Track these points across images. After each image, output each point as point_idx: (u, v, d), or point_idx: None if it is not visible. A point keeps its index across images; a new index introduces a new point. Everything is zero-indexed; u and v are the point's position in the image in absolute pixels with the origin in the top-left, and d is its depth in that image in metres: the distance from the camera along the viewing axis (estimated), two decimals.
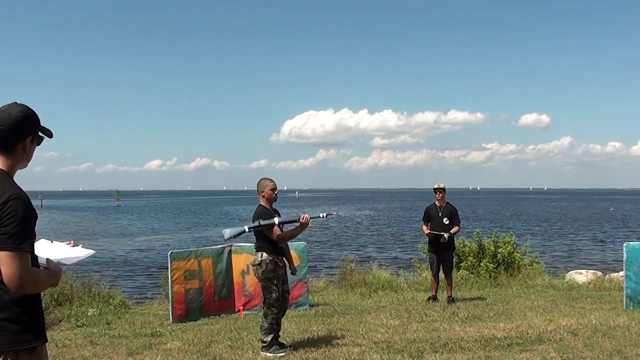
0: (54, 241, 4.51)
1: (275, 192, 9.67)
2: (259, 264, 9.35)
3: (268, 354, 9.21)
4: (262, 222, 9.24)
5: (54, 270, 3.99)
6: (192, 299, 12.62)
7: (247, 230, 9.45)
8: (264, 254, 9.33)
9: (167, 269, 12.76)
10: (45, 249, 4.28)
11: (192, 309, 12.60)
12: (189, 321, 12.25)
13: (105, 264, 28.76)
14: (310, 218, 9.46)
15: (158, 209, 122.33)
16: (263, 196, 9.58)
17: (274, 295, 9.36)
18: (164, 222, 74.80)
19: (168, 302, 12.96)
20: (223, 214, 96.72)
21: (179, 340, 10.37)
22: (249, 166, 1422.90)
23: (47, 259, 4.02)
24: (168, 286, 12.82)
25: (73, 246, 4.51)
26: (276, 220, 9.29)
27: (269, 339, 9.33)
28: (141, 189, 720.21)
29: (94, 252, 4.77)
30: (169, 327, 11.76)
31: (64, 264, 4.26)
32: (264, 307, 9.47)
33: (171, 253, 12.78)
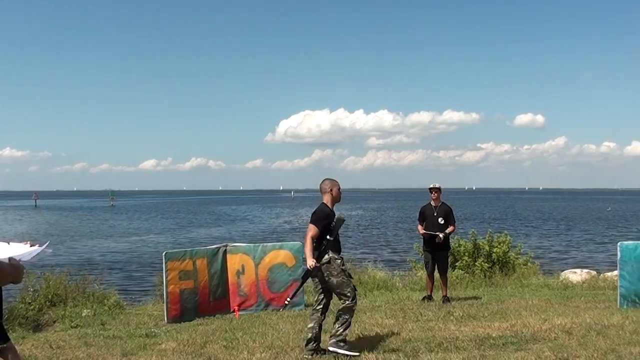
0: (10, 242, 4.59)
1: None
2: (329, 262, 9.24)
3: (344, 352, 9.18)
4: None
5: (16, 265, 4.02)
6: (186, 299, 12.60)
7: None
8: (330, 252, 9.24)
9: (162, 269, 12.74)
10: (4, 250, 4.36)
11: (186, 310, 12.58)
12: (183, 322, 12.24)
13: (99, 264, 28.74)
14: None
15: (153, 209, 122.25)
16: (331, 194, 9.50)
17: (351, 286, 9.35)
18: (158, 222, 74.79)
19: (163, 303, 12.94)
20: (218, 214, 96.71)
21: (174, 341, 10.36)
22: (244, 166, 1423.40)
23: (10, 258, 4.08)
24: (163, 286, 12.81)
25: (30, 246, 4.58)
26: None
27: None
28: (136, 189, 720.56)
29: (50, 250, 4.86)
30: (163, 328, 11.77)
31: (23, 261, 4.32)
32: (343, 302, 9.32)
33: (166, 253, 12.76)
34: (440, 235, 14.20)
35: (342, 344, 9.22)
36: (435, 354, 9.10)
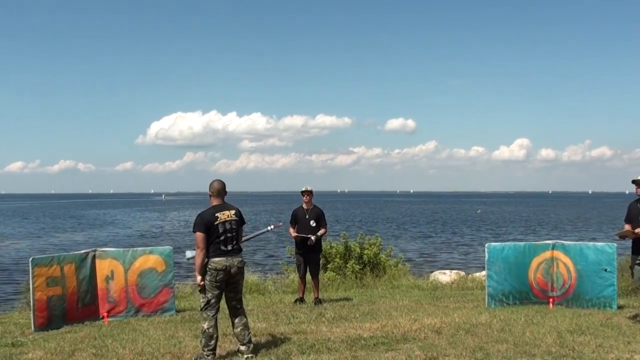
0: None
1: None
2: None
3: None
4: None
5: None
6: (54, 306, 12.24)
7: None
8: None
9: (28, 275, 12.36)
10: None
11: (54, 317, 12.23)
12: (51, 329, 11.88)
13: None
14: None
15: (18, 213, 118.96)
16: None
17: None
18: (25, 227, 72.70)
19: (29, 310, 12.56)
20: (85, 218, 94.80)
21: (41, 350, 10.07)
22: (114, 169, 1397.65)
23: None
24: (29, 293, 12.43)
25: None
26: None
27: None
28: (2, 192, 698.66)
29: None
30: (30, 337, 11.38)
31: None
32: (241, 306, 9.56)
33: (33, 259, 12.36)
34: (312, 238, 14.25)
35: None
36: (307, 356, 9.12)
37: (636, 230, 11.34)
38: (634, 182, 11.62)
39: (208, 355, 9.10)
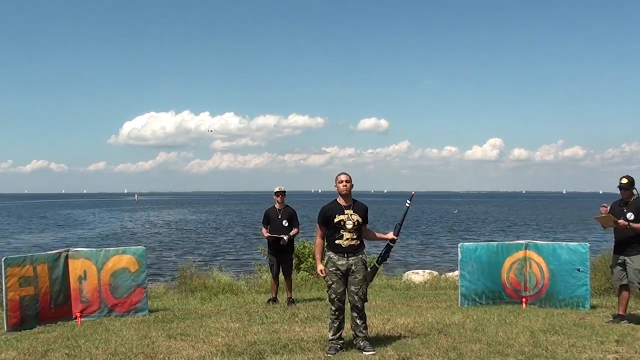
0: None
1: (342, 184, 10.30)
2: None
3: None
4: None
5: None
6: (27, 306, 12.17)
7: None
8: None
9: (1, 275, 12.28)
10: None
11: (27, 317, 12.16)
12: (24, 329, 11.80)
13: None
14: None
15: None
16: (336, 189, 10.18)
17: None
18: None
19: (2, 310, 12.49)
20: (61, 218, 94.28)
21: (14, 350, 9.99)
22: (86, 169, 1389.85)
23: None
24: (2, 293, 12.36)
25: None
26: None
27: None
28: None
29: None
30: (3, 337, 11.31)
31: None
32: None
33: (5, 259, 12.28)
34: (285, 238, 14.27)
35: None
36: (281, 356, 9.11)
37: (619, 221, 11.25)
38: (619, 187, 11.49)
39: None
